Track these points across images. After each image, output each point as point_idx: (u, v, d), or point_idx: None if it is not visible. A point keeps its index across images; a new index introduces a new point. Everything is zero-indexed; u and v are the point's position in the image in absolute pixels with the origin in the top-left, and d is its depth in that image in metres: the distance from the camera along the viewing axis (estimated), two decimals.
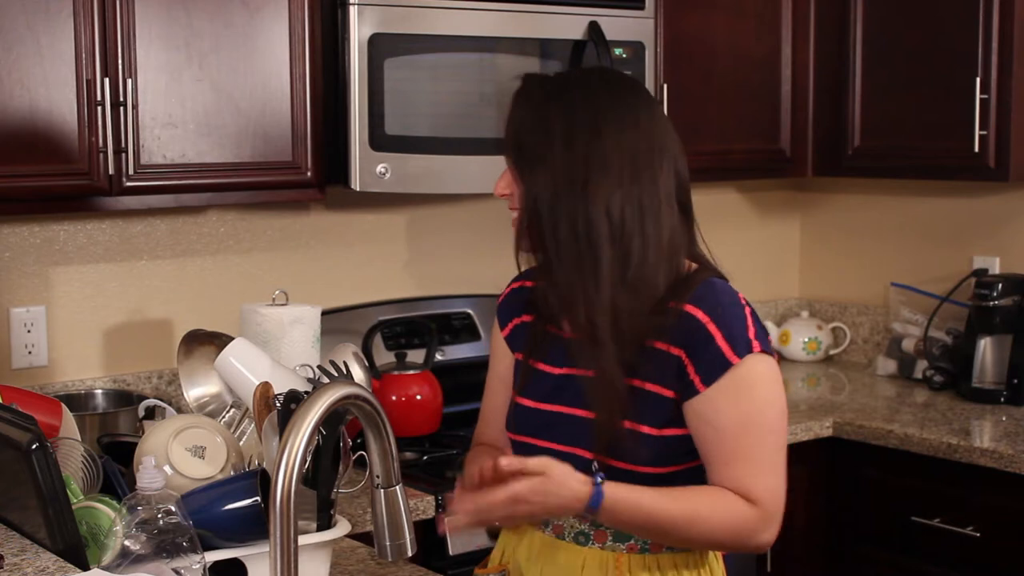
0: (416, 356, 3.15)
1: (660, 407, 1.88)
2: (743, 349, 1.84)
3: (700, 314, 1.86)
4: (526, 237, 1.95)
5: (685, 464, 1.91)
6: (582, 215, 1.86)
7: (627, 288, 1.87)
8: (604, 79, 1.94)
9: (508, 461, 1.78)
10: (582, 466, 1.86)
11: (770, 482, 1.86)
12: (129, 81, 2.56)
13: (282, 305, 2.70)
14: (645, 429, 1.88)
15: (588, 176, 1.86)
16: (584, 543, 1.95)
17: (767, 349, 1.87)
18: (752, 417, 1.84)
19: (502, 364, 2.10)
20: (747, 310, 1.89)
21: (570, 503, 1.80)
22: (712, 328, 1.85)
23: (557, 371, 1.98)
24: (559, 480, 1.79)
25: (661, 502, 1.83)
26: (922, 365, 3.63)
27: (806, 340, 3.95)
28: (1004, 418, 3.24)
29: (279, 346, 2.63)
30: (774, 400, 1.87)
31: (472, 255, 3.51)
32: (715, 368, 1.84)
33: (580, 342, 1.91)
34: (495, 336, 2.13)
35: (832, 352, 4.01)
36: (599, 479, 1.82)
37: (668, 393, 1.88)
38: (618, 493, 1.82)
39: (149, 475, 1.73)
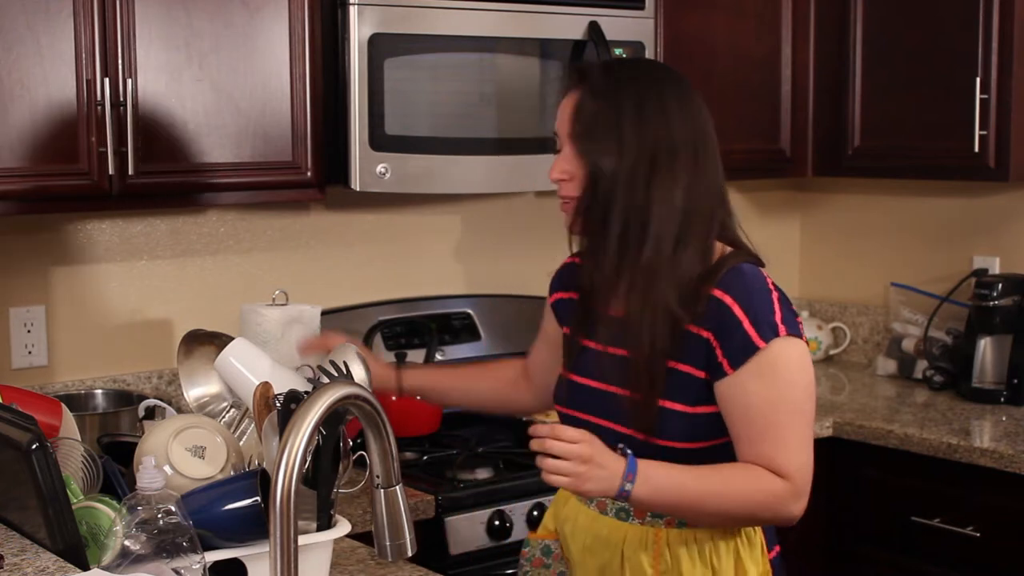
0: (416, 356, 3.15)
1: (691, 386, 1.98)
2: (769, 333, 1.93)
3: (727, 299, 1.95)
4: (580, 218, 2.03)
5: (715, 440, 2.00)
6: (643, 198, 1.96)
7: (667, 270, 1.97)
8: (661, 67, 2.12)
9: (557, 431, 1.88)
10: (616, 440, 1.96)
11: (799, 458, 1.94)
12: (129, 81, 2.56)
13: (282, 305, 2.70)
14: (678, 407, 1.98)
15: (656, 158, 1.96)
16: (625, 519, 2.05)
17: (794, 332, 1.96)
18: (779, 398, 1.93)
19: (550, 326, 2.28)
20: (774, 295, 1.98)
21: (610, 477, 1.88)
22: (739, 312, 1.94)
23: (601, 348, 2.08)
24: (601, 449, 1.89)
25: (694, 476, 1.93)
26: (922, 365, 3.63)
27: (806, 340, 3.95)
28: (1004, 418, 3.24)
29: (278, 346, 2.63)
30: (800, 381, 1.96)
31: (472, 255, 3.51)
32: (742, 352, 1.93)
33: (620, 321, 2.02)
34: (549, 300, 2.29)
35: (832, 352, 4.01)
36: (627, 452, 1.91)
37: (699, 374, 1.97)
38: (652, 467, 1.91)
39: (149, 475, 1.73)
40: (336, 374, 2.21)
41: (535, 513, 2.80)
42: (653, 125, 1.97)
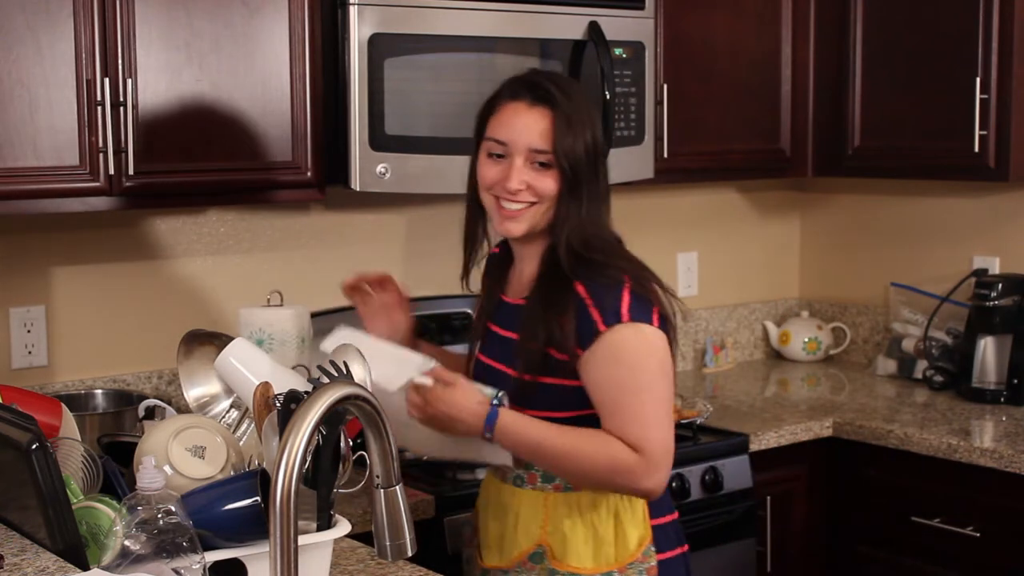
0: None
1: (560, 365, 2.19)
2: (612, 319, 2.14)
3: (581, 289, 2.17)
4: (538, 223, 2.22)
5: (583, 411, 2.20)
6: (603, 199, 2.24)
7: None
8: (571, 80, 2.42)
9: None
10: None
11: (650, 433, 2.13)
12: (129, 81, 2.56)
13: (277, 306, 2.70)
14: (548, 380, 2.21)
15: (599, 163, 2.23)
16: (520, 485, 2.26)
17: (640, 320, 2.15)
18: (625, 377, 2.13)
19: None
20: (626, 293, 2.16)
21: (469, 416, 2.17)
22: (588, 301, 2.15)
23: (496, 330, 2.33)
24: (463, 392, 2.18)
25: (548, 432, 2.16)
26: (922, 365, 3.63)
27: (806, 340, 3.96)
28: (1004, 418, 3.24)
29: (269, 347, 2.64)
30: (645, 363, 2.15)
31: None
32: (589, 335, 2.14)
33: (516, 308, 2.27)
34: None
35: (832, 352, 4.01)
36: (496, 401, 2.17)
37: (563, 356, 2.18)
38: (511, 416, 2.17)
39: (149, 475, 1.73)
40: (336, 374, 2.21)
41: None
42: (599, 140, 2.22)
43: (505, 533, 2.28)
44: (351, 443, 1.99)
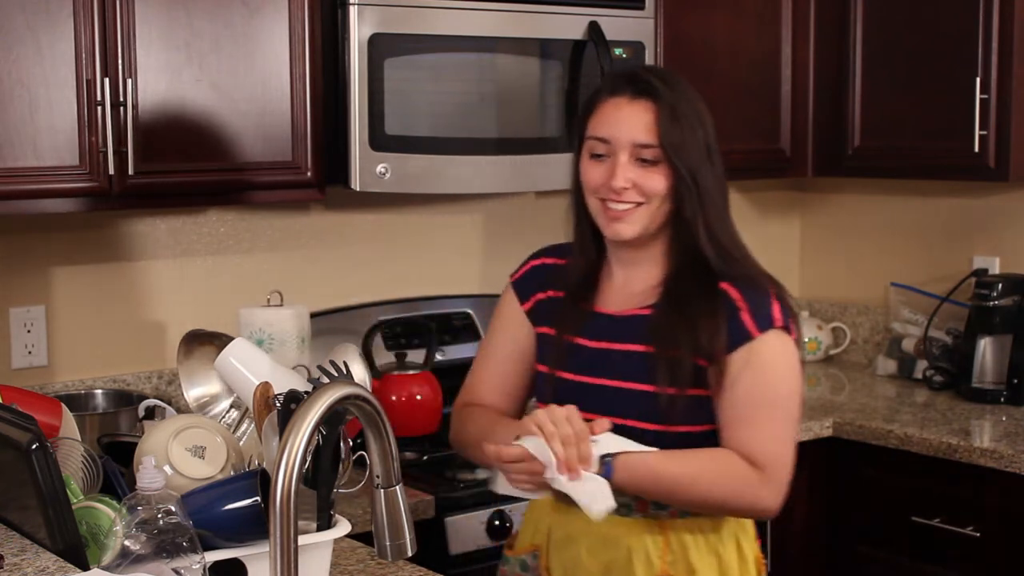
0: (416, 356, 3.15)
1: (700, 373, 2.05)
2: (765, 323, 2.03)
3: (732, 290, 2.05)
4: (653, 225, 2.08)
5: (704, 426, 2.07)
6: (720, 202, 2.11)
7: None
8: (674, 72, 2.21)
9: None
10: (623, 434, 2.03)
11: (777, 448, 2.02)
12: (129, 81, 2.56)
13: (277, 306, 2.71)
14: (693, 392, 2.05)
15: (714, 157, 2.09)
16: (627, 514, 2.07)
17: (788, 328, 2.05)
18: (765, 387, 2.02)
19: (523, 336, 2.24)
20: (773, 292, 2.08)
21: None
22: (739, 301, 2.04)
23: (594, 344, 2.13)
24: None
25: (667, 460, 2.00)
26: (922, 365, 3.63)
27: (806, 340, 3.95)
28: (1004, 418, 3.24)
29: (269, 347, 2.64)
30: (787, 377, 2.06)
31: (472, 255, 3.51)
32: (737, 338, 2.02)
33: (623, 319, 2.11)
34: (509, 309, 2.27)
35: (832, 352, 4.01)
36: (608, 459, 1.98)
37: (703, 362, 2.04)
38: (623, 462, 1.98)
39: (149, 475, 1.73)
40: (336, 374, 2.21)
41: None
42: (711, 133, 2.09)
43: (614, 569, 2.09)
44: (351, 443, 1.99)
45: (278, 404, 1.97)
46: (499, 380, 2.26)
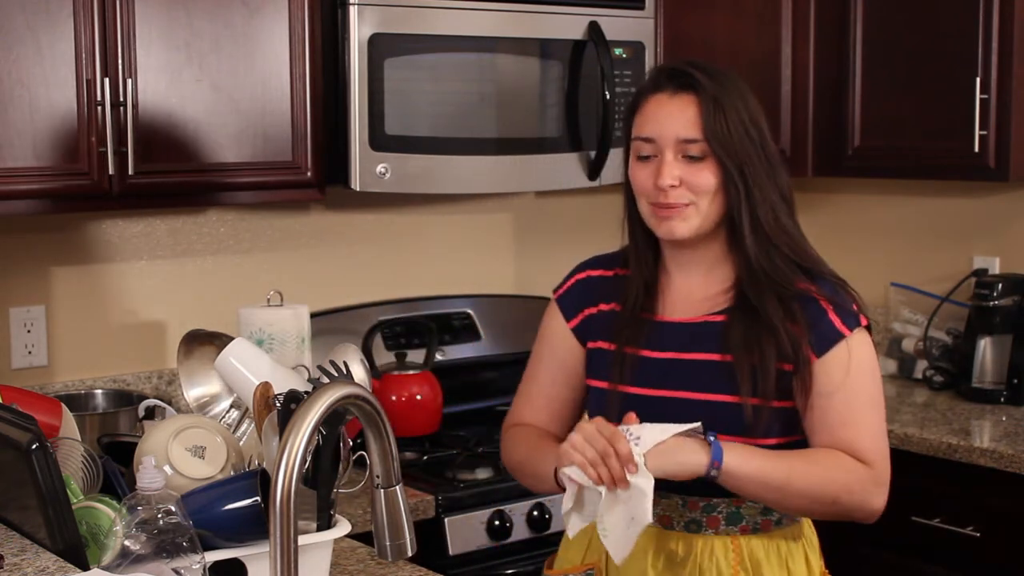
0: (416, 356, 3.15)
1: (785, 381, 1.97)
2: (853, 322, 1.98)
3: (812, 289, 1.99)
4: (708, 224, 2.00)
5: (793, 437, 2.00)
6: (774, 198, 2.01)
7: (789, 268, 2.02)
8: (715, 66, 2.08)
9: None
10: None
11: (881, 445, 1.98)
12: (129, 81, 2.56)
13: (277, 306, 2.71)
14: (775, 404, 1.97)
15: (768, 150, 2.00)
16: (697, 531, 2.00)
17: (867, 325, 2.01)
18: (860, 386, 1.96)
19: (569, 354, 2.13)
20: (848, 290, 2.05)
21: (694, 455, 1.87)
22: (824, 303, 1.98)
23: (661, 355, 2.03)
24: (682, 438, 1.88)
25: (777, 463, 1.91)
26: (922, 365, 3.63)
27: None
28: (1004, 418, 3.24)
29: (269, 347, 2.64)
30: (876, 371, 2.00)
31: (472, 255, 3.51)
32: (828, 340, 1.96)
33: (692, 326, 2.01)
34: (554, 326, 2.16)
35: None
36: (712, 436, 1.89)
37: (788, 367, 1.97)
38: (734, 448, 1.89)
39: (149, 475, 1.73)
40: (336, 374, 2.21)
41: (535, 513, 2.80)
42: (761, 125, 2.01)
43: None
44: (351, 443, 1.99)
45: (278, 404, 1.97)
46: (544, 402, 2.16)
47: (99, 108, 2.53)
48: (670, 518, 2.00)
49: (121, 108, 2.55)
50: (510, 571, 2.77)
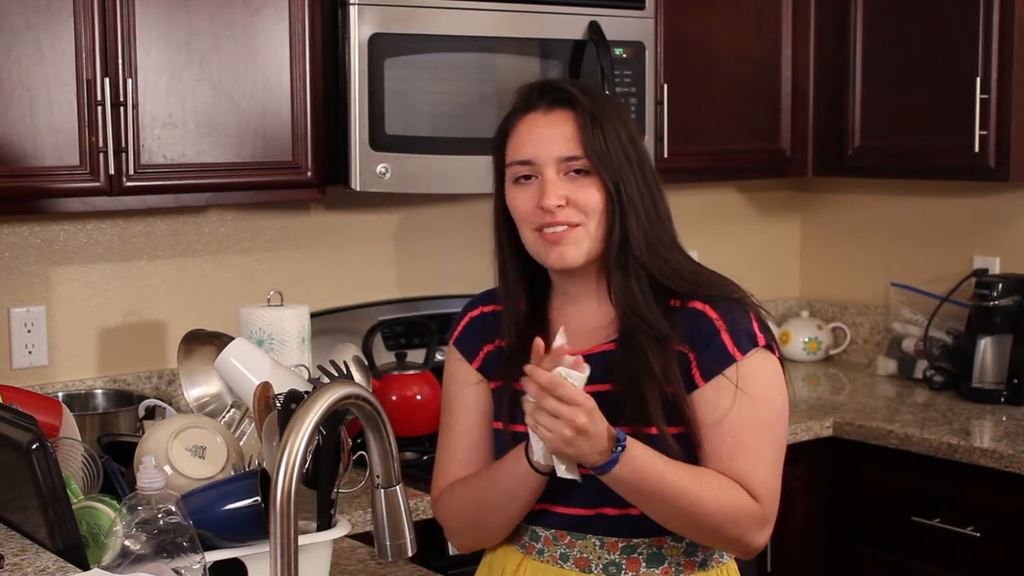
0: (416, 356, 3.15)
1: (673, 406, 1.85)
2: (747, 343, 1.85)
3: (707, 308, 1.86)
4: (597, 245, 1.88)
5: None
6: (656, 217, 1.88)
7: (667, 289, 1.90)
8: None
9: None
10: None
11: (770, 481, 1.85)
12: (129, 81, 2.56)
13: (277, 306, 2.71)
14: (667, 430, 1.84)
15: (646, 170, 1.89)
16: (616, 574, 1.88)
17: (771, 345, 1.88)
18: (752, 415, 1.84)
19: (480, 396, 1.99)
20: (751, 309, 1.91)
21: (601, 443, 1.73)
22: (717, 322, 1.86)
23: None
24: (598, 419, 1.73)
25: (677, 469, 1.79)
26: (922, 365, 3.63)
27: (806, 340, 3.95)
28: (1004, 418, 3.24)
29: (269, 347, 2.64)
30: (775, 399, 1.88)
31: (472, 255, 3.50)
32: (717, 363, 1.84)
33: (621, 352, 1.87)
34: (458, 370, 2.02)
35: (832, 352, 4.01)
36: (620, 433, 1.77)
37: (678, 391, 1.86)
38: (638, 450, 1.77)
39: (149, 475, 1.73)
40: (336, 374, 2.21)
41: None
42: (639, 144, 1.91)
43: None
44: (351, 443, 1.99)
45: (278, 404, 1.97)
46: (470, 454, 1.99)
47: (99, 108, 2.53)
48: (588, 560, 1.89)
49: (121, 108, 2.55)
50: None
